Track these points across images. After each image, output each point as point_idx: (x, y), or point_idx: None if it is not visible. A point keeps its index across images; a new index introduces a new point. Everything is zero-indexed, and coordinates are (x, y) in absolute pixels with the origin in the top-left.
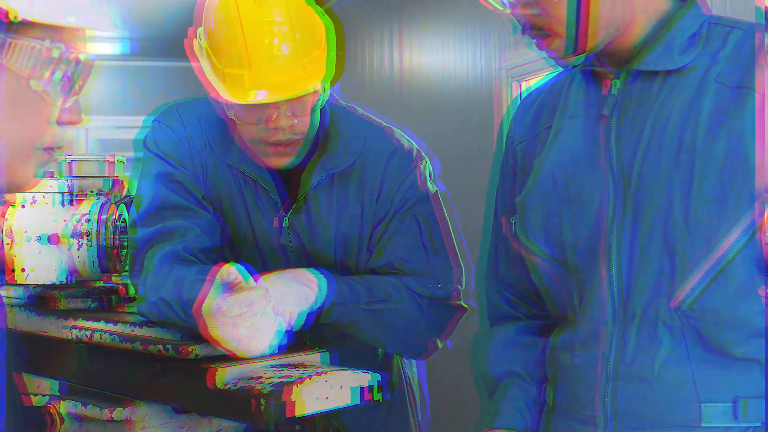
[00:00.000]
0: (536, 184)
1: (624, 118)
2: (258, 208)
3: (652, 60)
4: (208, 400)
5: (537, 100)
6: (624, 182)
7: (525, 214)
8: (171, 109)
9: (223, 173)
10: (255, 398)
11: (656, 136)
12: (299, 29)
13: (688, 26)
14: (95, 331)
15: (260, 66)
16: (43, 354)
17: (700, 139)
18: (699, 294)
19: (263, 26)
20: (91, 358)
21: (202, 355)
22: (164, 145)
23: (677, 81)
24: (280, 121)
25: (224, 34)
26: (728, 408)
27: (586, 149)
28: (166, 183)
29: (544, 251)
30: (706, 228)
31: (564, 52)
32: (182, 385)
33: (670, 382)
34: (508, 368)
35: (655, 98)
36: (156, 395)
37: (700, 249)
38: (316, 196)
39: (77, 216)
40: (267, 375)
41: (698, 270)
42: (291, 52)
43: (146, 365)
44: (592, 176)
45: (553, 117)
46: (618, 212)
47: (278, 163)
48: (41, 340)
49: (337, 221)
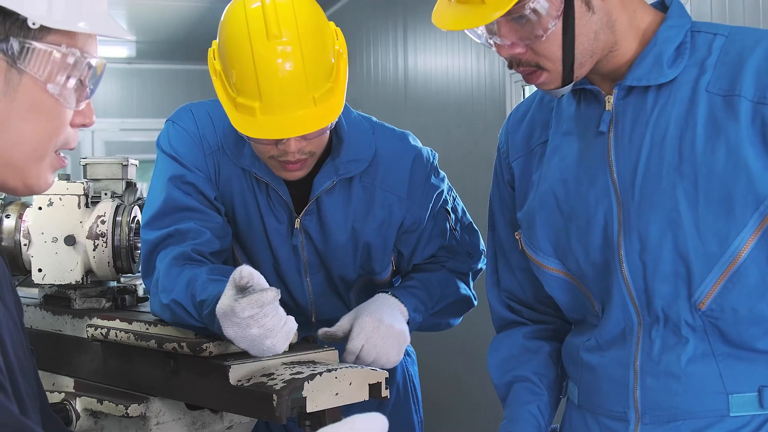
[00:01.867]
0: (537, 201)
1: (621, 133)
2: (271, 209)
3: (644, 75)
4: (222, 397)
5: (527, 115)
6: (626, 196)
7: (529, 230)
8: (185, 110)
9: (236, 174)
10: (267, 394)
11: (655, 149)
12: (310, 65)
13: (673, 37)
14: (111, 329)
15: (271, 101)
16: (58, 352)
17: (699, 150)
18: (716, 295)
19: (275, 62)
20: (107, 356)
21: (216, 353)
22: (178, 145)
23: (669, 94)
24: (290, 146)
25: (237, 66)
26: (754, 398)
27: (585, 165)
28: (178, 184)
29: (554, 266)
30: (715, 233)
31: (553, 84)
32: (197, 382)
33: (697, 376)
34: (518, 373)
35: (650, 112)
36: (171, 392)
37: (712, 253)
38: (326, 200)
39: (93, 218)
40: (279, 372)
41: (712, 273)
42: (302, 89)
43: (161, 363)
44: (593, 192)
45: (547, 132)
46: (624, 225)
47: (290, 176)
48: (57, 338)
49: (345, 222)
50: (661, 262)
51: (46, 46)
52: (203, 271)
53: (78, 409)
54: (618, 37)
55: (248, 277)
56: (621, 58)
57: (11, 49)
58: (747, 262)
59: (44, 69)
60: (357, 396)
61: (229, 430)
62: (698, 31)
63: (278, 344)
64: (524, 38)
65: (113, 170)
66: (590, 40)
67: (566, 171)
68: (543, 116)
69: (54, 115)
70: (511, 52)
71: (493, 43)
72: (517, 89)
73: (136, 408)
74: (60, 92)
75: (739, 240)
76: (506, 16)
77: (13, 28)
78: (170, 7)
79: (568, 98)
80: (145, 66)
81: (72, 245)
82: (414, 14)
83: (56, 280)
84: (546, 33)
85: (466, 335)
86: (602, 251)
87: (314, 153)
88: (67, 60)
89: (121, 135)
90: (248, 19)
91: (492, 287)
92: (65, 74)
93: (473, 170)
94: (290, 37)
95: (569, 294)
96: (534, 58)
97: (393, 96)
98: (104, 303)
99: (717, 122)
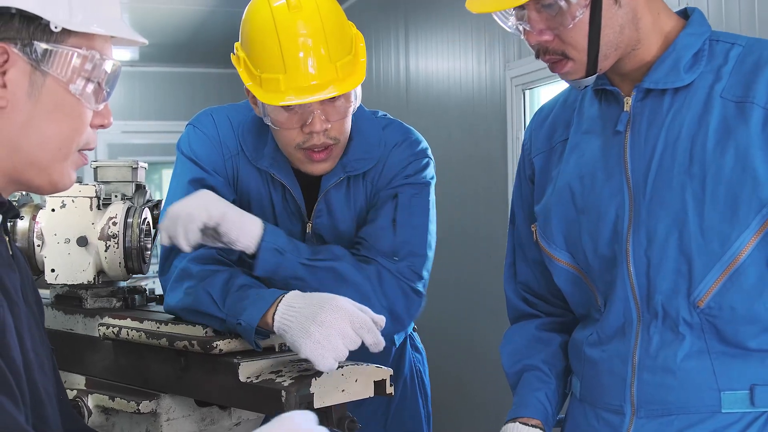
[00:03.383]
0: (555, 195)
1: (637, 133)
2: (285, 210)
3: (661, 78)
4: (231, 393)
5: (551, 114)
6: (638, 193)
7: (545, 223)
8: (206, 114)
9: (254, 178)
10: (276, 390)
11: (668, 150)
12: (331, 35)
13: (692, 44)
14: (123, 328)
15: (295, 70)
16: (69, 350)
17: (709, 152)
18: (715, 294)
19: (297, 33)
20: (118, 354)
21: (225, 351)
22: (198, 148)
23: (685, 97)
24: (315, 125)
25: (261, 42)
26: (746, 395)
27: (602, 163)
28: (198, 187)
29: (564, 258)
30: (718, 233)
31: (577, 74)
32: (207, 379)
33: (691, 372)
34: (529, 362)
35: (665, 115)
36: (181, 389)
37: (714, 252)
38: (335, 199)
39: (105, 219)
40: (287, 369)
41: (713, 272)
42: (324, 57)
43: (172, 360)
44: (608, 188)
45: (568, 131)
46: (633, 221)
47: (316, 169)
48: (68, 337)
49: (351, 217)
50: (665, 259)
51: (67, 48)
52: (227, 271)
53: (90, 405)
54: (641, 35)
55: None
56: (642, 58)
57: (35, 52)
58: (747, 263)
59: (67, 70)
60: (362, 393)
61: (237, 426)
62: (717, 40)
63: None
64: (552, 26)
65: (123, 173)
66: (615, 32)
67: (583, 167)
68: (565, 116)
69: (76, 114)
70: (539, 39)
71: (522, 29)
72: (517, 93)
73: (148, 404)
74: (81, 92)
75: (741, 240)
76: (536, 3)
77: (37, 32)
78: (173, 10)
79: (590, 99)
80: (148, 69)
81: (84, 246)
82: (415, 18)
83: (69, 280)
84: (573, 21)
85: (470, 337)
86: (611, 245)
87: (338, 140)
88: (87, 62)
89: (123, 137)
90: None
91: (509, 280)
92: (86, 75)
93: (473, 173)
94: (310, 9)
95: (576, 287)
96: (560, 46)
97: (394, 99)
98: (115, 302)
99: (728, 127)
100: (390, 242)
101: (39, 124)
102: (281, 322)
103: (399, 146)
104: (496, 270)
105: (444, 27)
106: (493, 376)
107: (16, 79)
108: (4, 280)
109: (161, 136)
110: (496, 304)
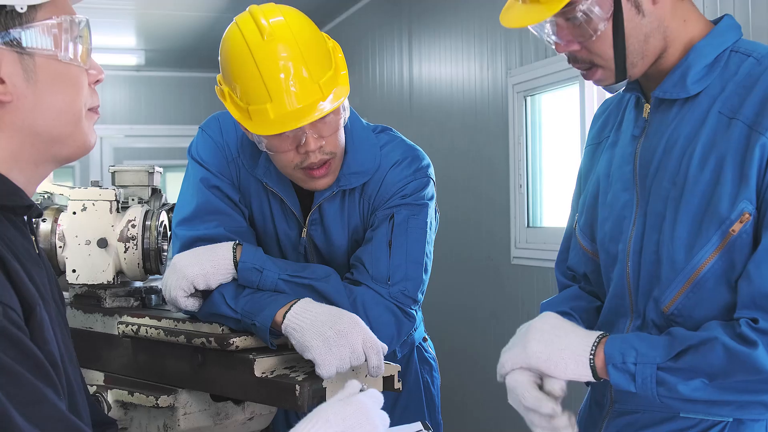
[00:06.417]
0: (589, 188)
1: (647, 140)
2: (284, 216)
3: (668, 88)
4: (247, 388)
5: (606, 111)
6: (642, 198)
7: (581, 213)
8: (213, 119)
9: (252, 180)
10: (290, 385)
11: (664, 159)
12: (309, 55)
13: (706, 54)
14: (142, 326)
15: (280, 97)
16: (89, 348)
17: (693, 165)
18: (678, 302)
19: (276, 60)
20: (136, 351)
21: (242, 347)
22: (204, 153)
23: (689, 109)
24: (310, 144)
25: (242, 76)
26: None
27: (622, 164)
28: (207, 188)
29: (589, 248)
30: (684, 243)
31: (608, 81)
32: (224, 375)
33: None
34: (561, 309)
35: (669, 124)
36: (198, 384)
37: (678, 262)
38: (328, 210)
39: (124, 222)
40: (300, 365)
41: (676, 281)
42: (306, 79)
43: (190, 357)
44: (621, 189)
45: (612, 129)
46: (636, 223)
47: (318, 185)
48: (87, 335)
49: (345, 232)
50: (646, 262)
51: (40, 23)
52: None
53: (109, 400)
54: (668, 44)
55: None
56: (665, 66)
57: (15, 40)
58: (707, 276)
59: (48, 42)
60: (372, 387)
61: (250, 420)
62: (736, 51)
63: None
64: (578, 37)
65: (140, 177)
66: (640, 41)
67: (609, 167)
68: (616, 115)
69: (73, 78)
70: (567, 49)
71: (554, 41)
72: (519, 99)
73: (166, 399)
74: (73, 57)
75: (702, 254)
76: (562, 17)
77: (7, 21)
78: (179, 16)
79: (633, 103)
80: (153, 73)
81: (104, 248)
82: (418, 25)
83: (89, 280)
84: (596, 33)
85: (470, 337)
86: (616, 243)
87: (334, 154)
88: (63, 27)
89: (128, 141)
90: (242, 30)
91: (560, 263)
92: (66, 39)
93: (476, 179)
94: (284, 34)
95: (597, 276)
96: (588, 56)
97: (398, 105)
98: (132, 302)
99: (715, 141)
100: (384, 266)
101: (46, 100)
102: (294, 322)
103: (398, 165)
104: (496, 272)
105: (447, 34)
106: (496, 386)
107: (10, 72)
108: (35, 278)
109: (166, 140)
110: (496, 305)
